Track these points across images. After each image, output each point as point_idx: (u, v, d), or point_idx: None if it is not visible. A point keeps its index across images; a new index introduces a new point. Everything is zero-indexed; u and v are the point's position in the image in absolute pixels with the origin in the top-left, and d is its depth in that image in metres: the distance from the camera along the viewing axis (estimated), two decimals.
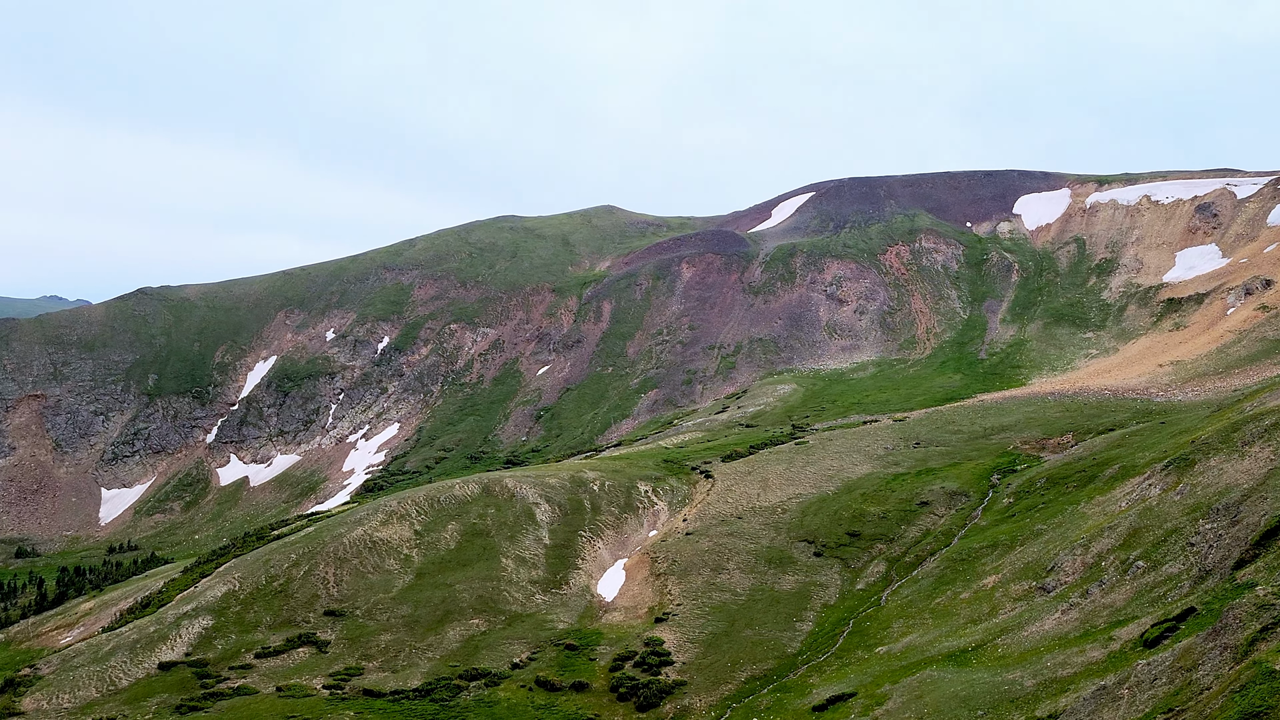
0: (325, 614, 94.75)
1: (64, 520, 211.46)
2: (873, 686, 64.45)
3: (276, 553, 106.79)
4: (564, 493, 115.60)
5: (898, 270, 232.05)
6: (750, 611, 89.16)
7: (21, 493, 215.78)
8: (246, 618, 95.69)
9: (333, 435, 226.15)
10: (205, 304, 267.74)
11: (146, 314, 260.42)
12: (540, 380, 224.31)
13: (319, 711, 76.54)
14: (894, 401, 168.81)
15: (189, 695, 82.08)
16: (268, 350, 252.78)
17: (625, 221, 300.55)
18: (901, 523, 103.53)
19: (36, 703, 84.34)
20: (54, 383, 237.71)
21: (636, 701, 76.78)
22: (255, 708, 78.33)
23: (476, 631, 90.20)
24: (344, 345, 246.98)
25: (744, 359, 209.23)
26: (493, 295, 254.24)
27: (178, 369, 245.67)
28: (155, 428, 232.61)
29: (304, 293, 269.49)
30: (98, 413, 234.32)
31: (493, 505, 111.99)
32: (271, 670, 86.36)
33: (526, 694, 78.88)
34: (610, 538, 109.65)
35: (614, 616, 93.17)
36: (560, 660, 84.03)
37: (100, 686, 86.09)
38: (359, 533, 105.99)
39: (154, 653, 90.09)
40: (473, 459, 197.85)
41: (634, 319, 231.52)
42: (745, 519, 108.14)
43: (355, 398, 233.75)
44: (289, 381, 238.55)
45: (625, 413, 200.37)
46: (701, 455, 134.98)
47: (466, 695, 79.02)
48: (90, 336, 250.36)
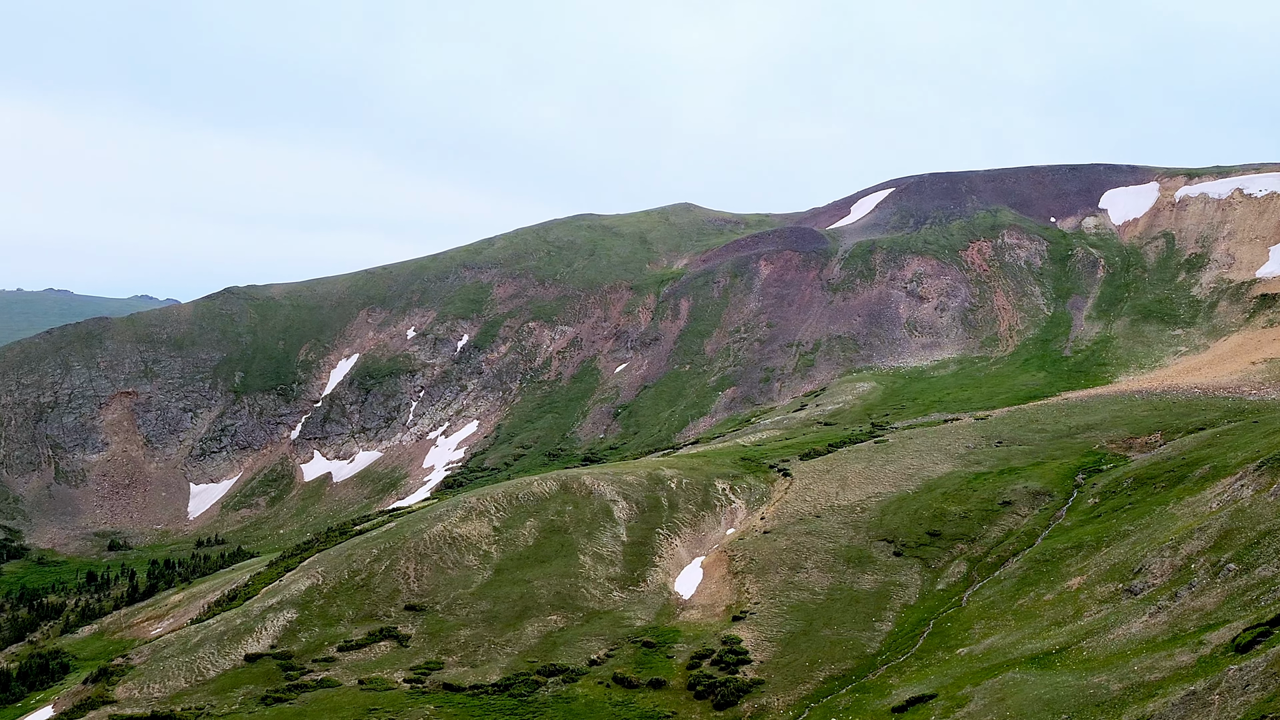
0: (406, 608, 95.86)
1: (154, 514, 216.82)
2: (953, 688, 63.53)
3: (358, 548, 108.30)
4: (641, 490, 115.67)
5: (979, 267, 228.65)
6: (829, 611, 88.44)
7: (114, 487, 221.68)
8: (329, 611, 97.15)
9: (413, 432, 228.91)
10: (290, 303, 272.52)
11: (233, 313, 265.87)
12: (618, 378, 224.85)
13: (400, 705, 77.43)
14: (975, 399, 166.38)
15: (274, 687, 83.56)
16: (350, 348, 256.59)
17: (703, 219, 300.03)
18: (983, 522, 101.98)
19: (128, 691, 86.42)
20: (145, 380, 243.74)
21: (714, 700, 76.53)
22: (338, 700, 79.47)
23: (554, 628, 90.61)
24: (424, 343, 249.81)
25: (822, 357, 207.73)
26: (571, 293, 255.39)
27: (263, 367, 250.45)
28: (242, 424, 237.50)
29: (386, 291, 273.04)
30: (186, 409, 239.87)
31: (570, 502, 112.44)
32: (353, 663, 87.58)
33: (604, 690, 79.05)
34: (688, 535, 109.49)
35: (691, 614, 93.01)
36: (637, 657, 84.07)
37: (189, 677, 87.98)
38: (439, 529, 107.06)
39: (240, 645, 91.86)
40: (551, 456, 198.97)
41: (712, 317, 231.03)
42: (824, 518, 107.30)
43: (435, 395, 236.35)
44: (371, 379, 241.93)
45: (703, 410, 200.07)
46: (779, 453, 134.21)
47: (544, 691, 79.42)
48: (179, 335, 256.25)
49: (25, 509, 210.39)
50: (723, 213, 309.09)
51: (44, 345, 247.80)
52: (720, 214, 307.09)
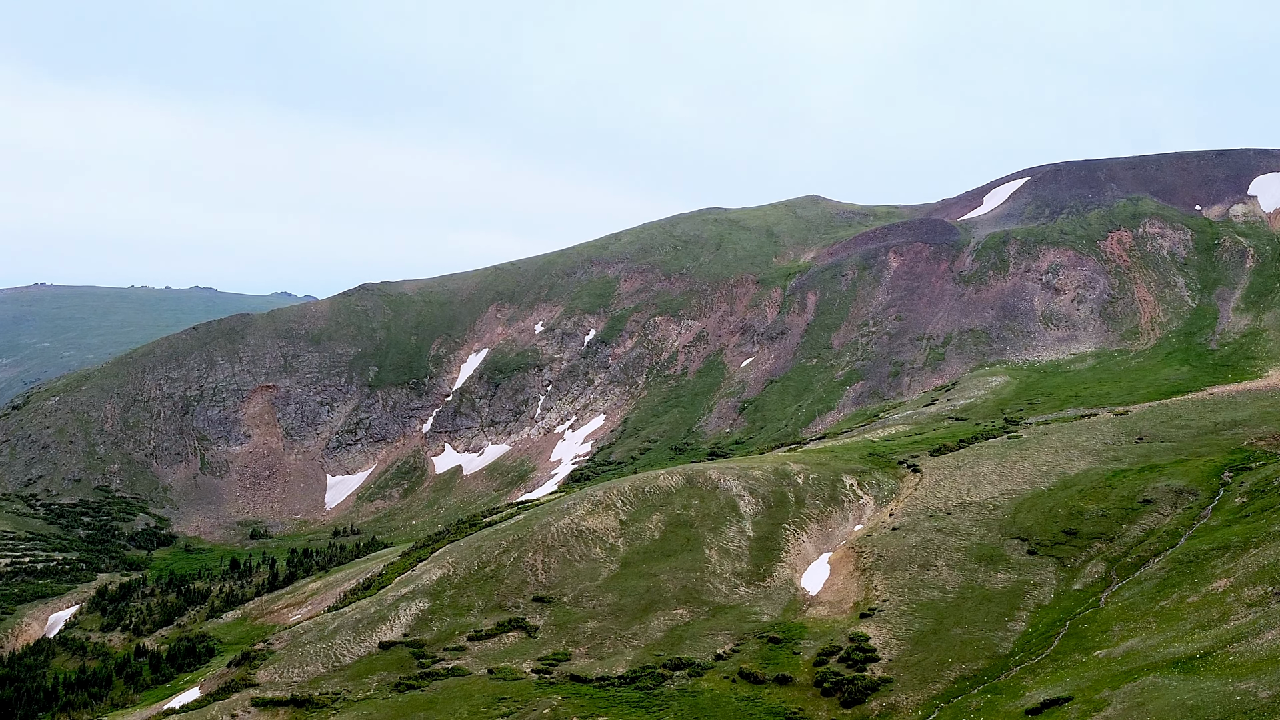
0: (534, 600, 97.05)
1: (293, 504, 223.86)
2: (1090, 691, 61.62)
3: (488, 539, 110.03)
4: (768, 485, 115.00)
5: (1119, 257, 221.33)
6: (959, 610, 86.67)
7: (256, 478, 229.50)
8: (460, 601, 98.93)
9: (541, 426, 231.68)
10: (422, 299, 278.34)
11: (368, 309, 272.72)
12: (744, 372, 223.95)
13: (528, 695, 78.41)
14: (1114, 394, 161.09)
15: (407, 674, 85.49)
16: (479, 343, 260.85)
17: (830, 211, 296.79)
18: (1122, 521, 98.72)
19: (270, 675, 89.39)
20: (284, 374, 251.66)
21: (841, 697, 75.69)
22: (468, 688, 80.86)
23: (680, 622, 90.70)
24: (552, 338, 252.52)
25: (953, 350, 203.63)
26: (697, 287, 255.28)
27: (396, 361, 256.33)
28: (376, 417, 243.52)
29: (514, 287, 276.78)
30: (323, 403, 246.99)
31: (696, 496, 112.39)
32: (483, 653, 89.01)
33: (730, 685, 78.82)
34: (814, 531, 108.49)
35: (818, 611, 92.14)
36: (763, 653, 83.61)
37: (326, 663, 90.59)
38: (566, 521, 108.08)
39: (375, 632, 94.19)
40: (677, 450, 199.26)
41: (839, 310, 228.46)
42: (954, 515, 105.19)
43: (563, 389, 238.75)
44: (499, 373, 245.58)
45: (830, 405, 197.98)
46: (908, 449, 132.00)
47: (670, 684, 79.54)
48: (317, 330, 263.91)
49: (173, 498, 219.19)
50: (850, 205, 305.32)
51: (190, 341, 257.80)
52: (848, 206, 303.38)
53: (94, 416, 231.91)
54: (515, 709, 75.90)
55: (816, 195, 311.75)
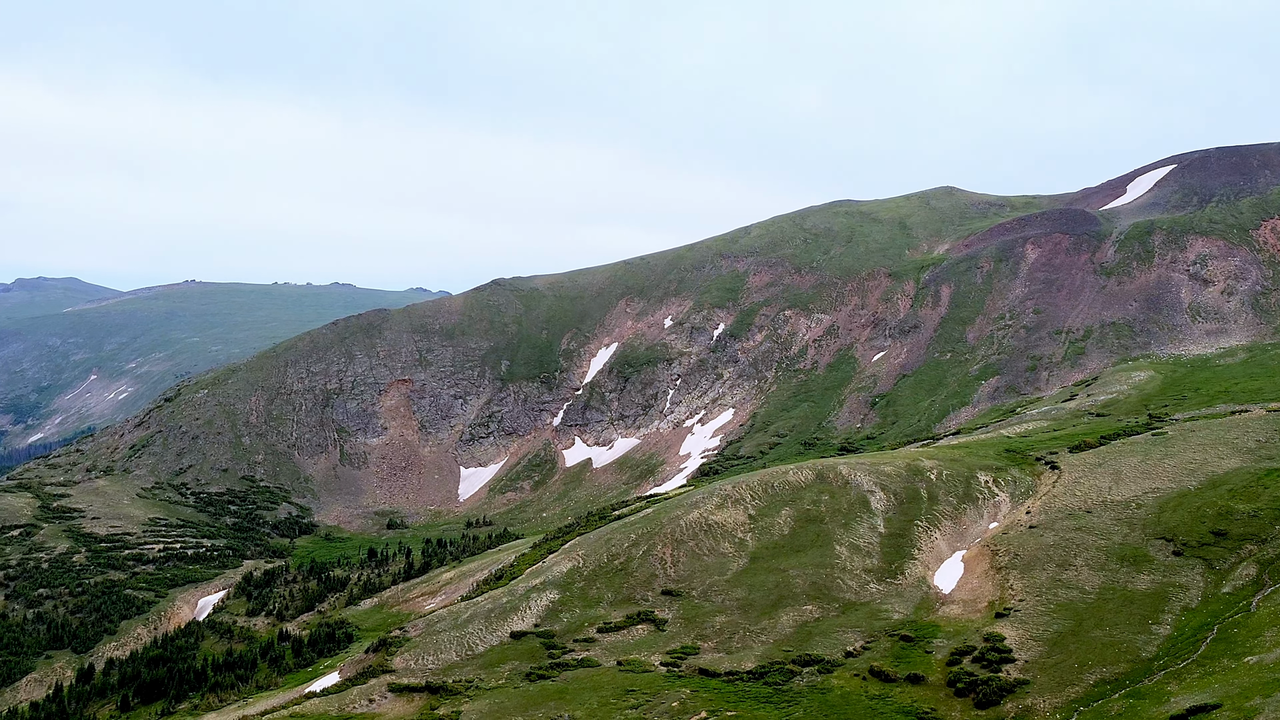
0: (663, 593, 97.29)
1: (428, 495, 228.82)
2: (1240, 699, 59.07)
3: (617, 532, 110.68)
4: (899, 481, 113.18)
5: (1274, 247, 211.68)
6: (1100, 611, 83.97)
7: (392, 469, 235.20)
8: (589, 594, 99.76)
9: (670, 420, 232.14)
10: (552, 293, 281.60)
11: (500, 304, 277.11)
12: (875, 366, 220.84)
13: (657, 687, 78.65)
14: (1268, 390, 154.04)
15: (537, 664, 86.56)
16: (609, 337, 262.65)
17: (965, 202, 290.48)
18: (1276, 522, 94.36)
19: (405, 662, 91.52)
20: (419, 368, 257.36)
21: (975, 698, 74.07)
22: (598, 679, 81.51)
23: (810, 618, 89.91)
24: (681, 332, 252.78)
25: (1094, 344, 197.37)
26: (827, 281, 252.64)
27: (527, 355, 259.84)
28: (508, 411, 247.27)
29: (643, 281, 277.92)
30: (457, 396, 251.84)
31: (826, 492, 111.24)
32: (612, 645, 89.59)
33: (860, 683, 77.82)
34: (948, 528, 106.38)
35: (951, 609, 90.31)
36: (895, 651, 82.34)
37: (459, 651, 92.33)
38: (695, 515, 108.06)
39: (506, 622, 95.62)
40: (806, 445, 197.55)
41: (974, 303, 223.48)
42: (1095, 513, 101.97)
43: (691, 383, 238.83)
44: (629, 367, 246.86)
45: (964, 400, 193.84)
46: (1046, 445, 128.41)
47: (799, 681, 78.90)
48: (451, 325, 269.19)
49: (314, 488, 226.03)
50: (986, 195, 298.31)
51: (330, 336, 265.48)
52: (983, 197, 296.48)
53: (240, 409, 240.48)
54: (644, 701, 76.21)
55: (951, 186, 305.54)
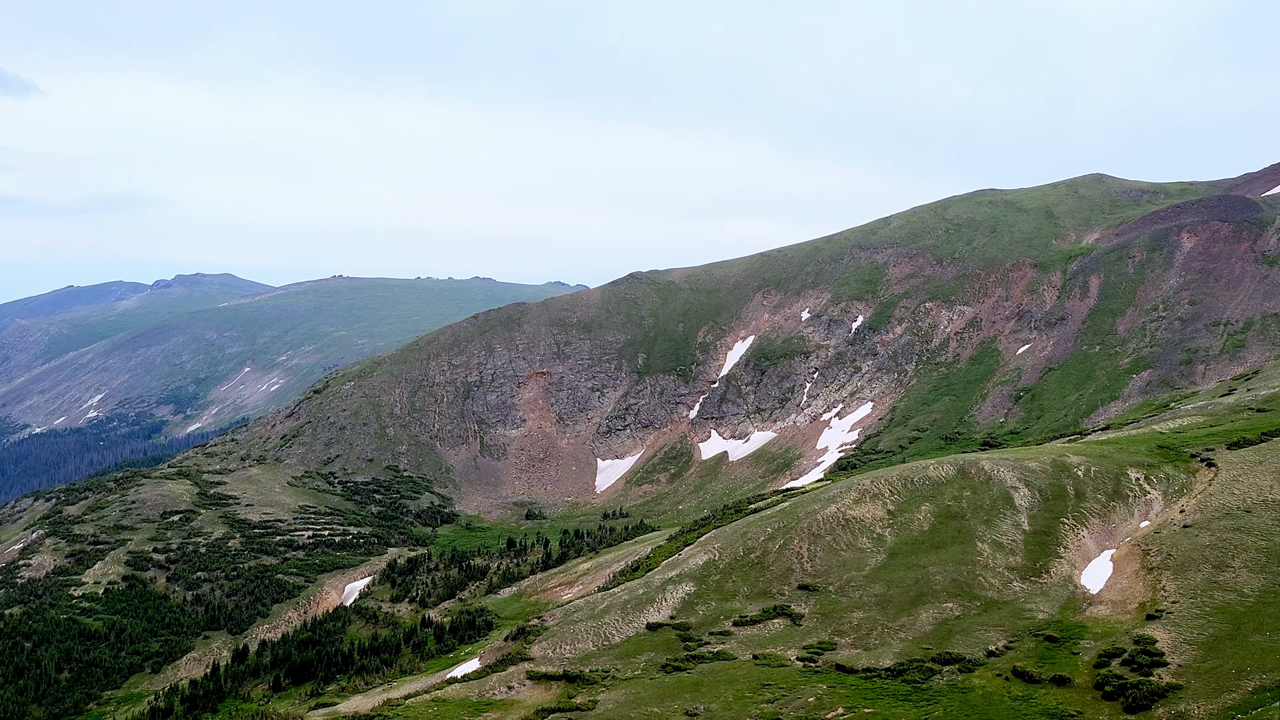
0: (799, 588, 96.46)
1: (565, 487, 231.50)
2: None
3: (753, 526, 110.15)
4: (1045, 477, 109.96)
5: None
6: (1260, 615, 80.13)
7: (531, 461, 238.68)
8: (725, 586, 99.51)
9: (807, 413, 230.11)
10: (689, 286, 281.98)
11: (636, 297, 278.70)
12: (1019, 360, 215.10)
13: (792, 682, 78.01)
14: None
15: (673, 656, 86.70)
16: (746, 330, 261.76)
17: (1115, 190, 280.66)
18: None
19: (543, 650, 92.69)
20: (557, 361, 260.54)
21: (1124, 702, 71.46)
22: (733, 672, 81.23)
23: (950, 615, 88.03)
24: (819, 325, 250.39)
25: (1255, 337, 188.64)
26: (969, 272, 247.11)
27: (664, 348, 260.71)
28: (644, 403, 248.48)
29: (780, 274, 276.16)
30: (594, 389, 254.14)
31: (968, 488, 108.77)
32: (748, 638, 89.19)
33: (1002, 683, 75.85)
34: (1096, 526, 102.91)
35: (1099, 610, 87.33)
36: (1039, 651, 80.00)
37: (596, 641, 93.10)
38: (832, 510, 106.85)
39: (642, 614, 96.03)
40: (947, 440, 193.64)
41: (1125, 294, 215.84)
42: (1255, 513, 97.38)
43: (829, 376, 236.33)
44: (766, 360, 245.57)
45: (1113, 394, 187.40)
46: (1202, 441, 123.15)
47: (939, 679, 77.31)
48: (588, 318, 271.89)
49: (456, 478, 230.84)
50: (1138, 182, 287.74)
51: (470, 329, 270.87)
52: (1135, 184, 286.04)
53: (385, 400, 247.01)
54: (780, 695, 75.66)
55: (1100, 173, 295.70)
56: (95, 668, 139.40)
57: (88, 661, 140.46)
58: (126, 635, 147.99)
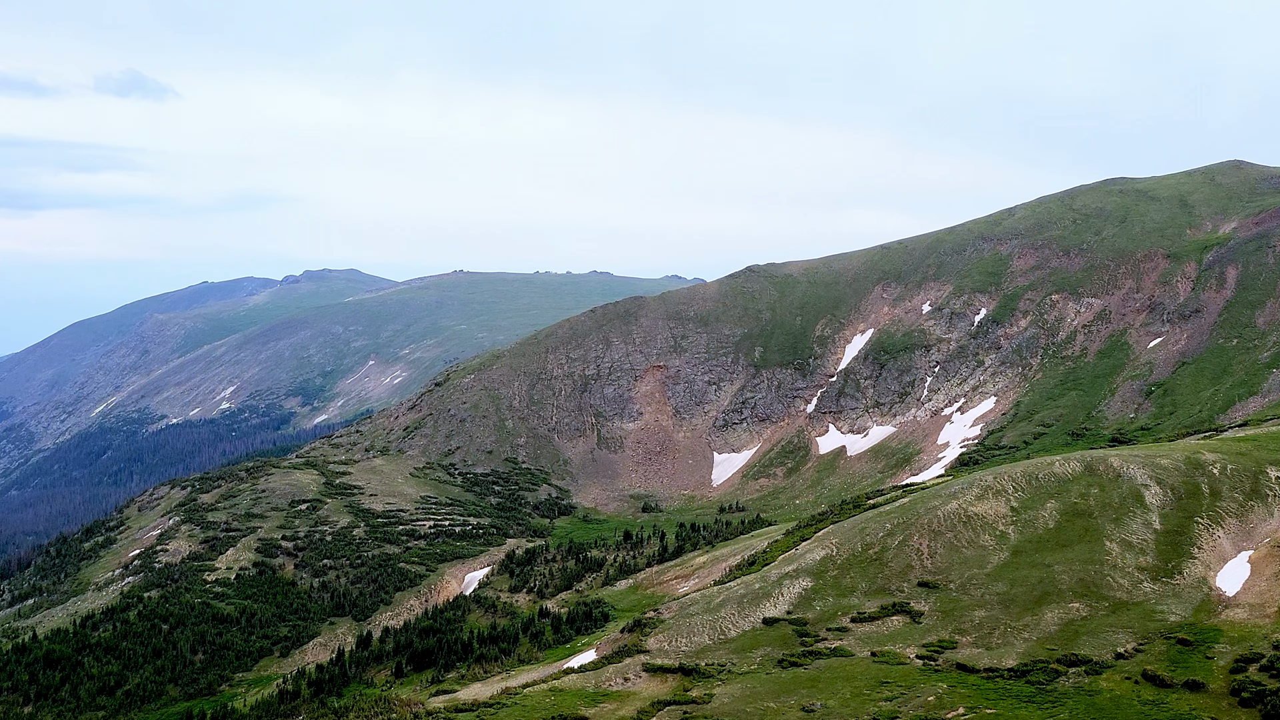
0: (918, 585, 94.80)
1: (681, 480, 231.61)
2: None
3: (871, 521, 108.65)
4: (1177, 475, 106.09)
5: None
6: None
7: (647, 454, 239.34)
8: (843, 582, 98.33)
9: (927, 408, 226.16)
10: (806, 279, 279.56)
11: (753, 290, 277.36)
12: (1151, 353, 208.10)
13: (911, 680, 76.68)
14: None
15: (789, 651, 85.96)
16: (864, 323, 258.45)
17: (1255, 177, 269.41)
18: None
19: (659, 643, 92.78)
20: (674, 354, 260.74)
21: (1263, 709, 68.50)
22: (850, 669, 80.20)
23: (1076, 616, 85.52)
24: (940, 318, 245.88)
25: None
26: (1098, 263, 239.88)
27: (781, 342, 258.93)
28: (761, 397, 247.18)
29: (900, 266, 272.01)
30: (711, 382, 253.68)
31: (1095, 485, 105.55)
32: (866, 635, 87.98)
33: (1132, 687, 73.39)
34: (1232, 526, 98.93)
35: (1235, 614, 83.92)
36: (1170, 655, 77.20)
37: (711, 634, 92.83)
38: (953, 506, 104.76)
39: (758, 608, 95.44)
40: (1074, 436, 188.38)
41: (1265, 285, 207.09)
42: None
43: (950, 370, 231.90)
44: (885, 354, 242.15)
45: (1252, 389, 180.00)
46: None
47: (1064, 681, 75.14)
48: (704, 312, 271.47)
49: (573, 470, 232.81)
50: None
51: (588, 323, 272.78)
52: (1277, 171, 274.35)
53: (504, 393, 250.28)
54: (898, 693, 74.43)
55: (1239, 160, 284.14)
56: (227, 650, 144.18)
57: (220, 644, 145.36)
58: (257, 620, 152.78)
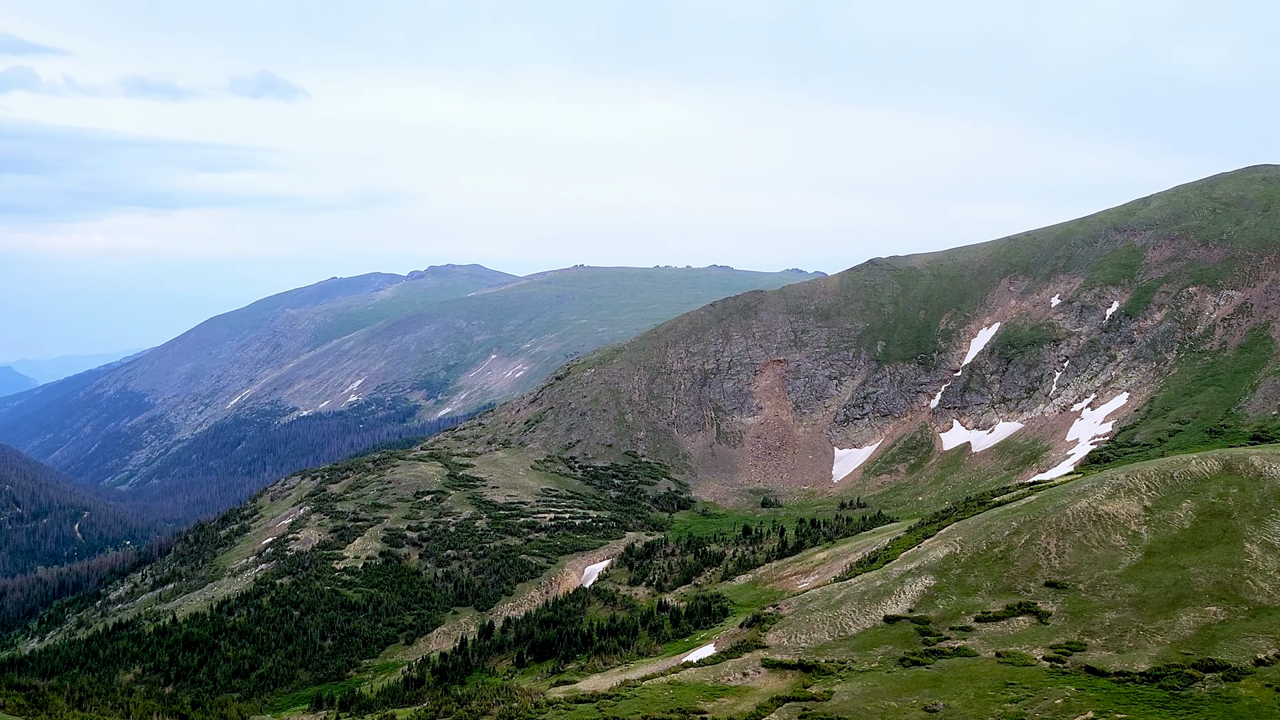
0: (1045, 585, 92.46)
1: (801, 475, 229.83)
2: None
3: (997, 519, 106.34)
4: None
5: None
6: None
7: (767, 449, 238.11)
8: (966, 581, 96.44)
9: (1056, 404, 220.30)
10: (930, 272, 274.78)
11: (876, 284, 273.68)
12: None
13: (1038, 682, 74.84)
14: None
15: (911, 650, 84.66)
16: (990, 317, 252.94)
17: None
18: None
19: (778, 639, 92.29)
20: (794, 349, 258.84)
21: None
22: (974, 670, 78.64)
23: (1213, 620, 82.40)
24: (1069, 311, 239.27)
25: None
26: (1239, 254, 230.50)
27: (904, 336, 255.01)
28: (883, 392, 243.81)
29: (1028, 258, 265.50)
30: (831, 377, 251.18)
31: (1235, 484, 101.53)
32: (990, 635, 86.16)
33: (1272, 694, 70.42)
34: None
35: None
36: None
37: (831, 631, 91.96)
38: (1083, 505, 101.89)
39: (880, 606, 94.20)
40: (1211, 433, 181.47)
41: None
42: None
43: (1080, 365, 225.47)
44: (1011, 348, 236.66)
45: None
46: None
47: (1200, 687, 72.48)
48: (825, 306, 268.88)
49: (692, 465, 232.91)
50: None
51: (708, 317, 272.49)
52: None
53: (623, 387, 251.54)
54: (1024, 695, 72.71)
55: None
56: (355, 637, 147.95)
57: (348, 631, 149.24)
58: (383, 607, 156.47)
